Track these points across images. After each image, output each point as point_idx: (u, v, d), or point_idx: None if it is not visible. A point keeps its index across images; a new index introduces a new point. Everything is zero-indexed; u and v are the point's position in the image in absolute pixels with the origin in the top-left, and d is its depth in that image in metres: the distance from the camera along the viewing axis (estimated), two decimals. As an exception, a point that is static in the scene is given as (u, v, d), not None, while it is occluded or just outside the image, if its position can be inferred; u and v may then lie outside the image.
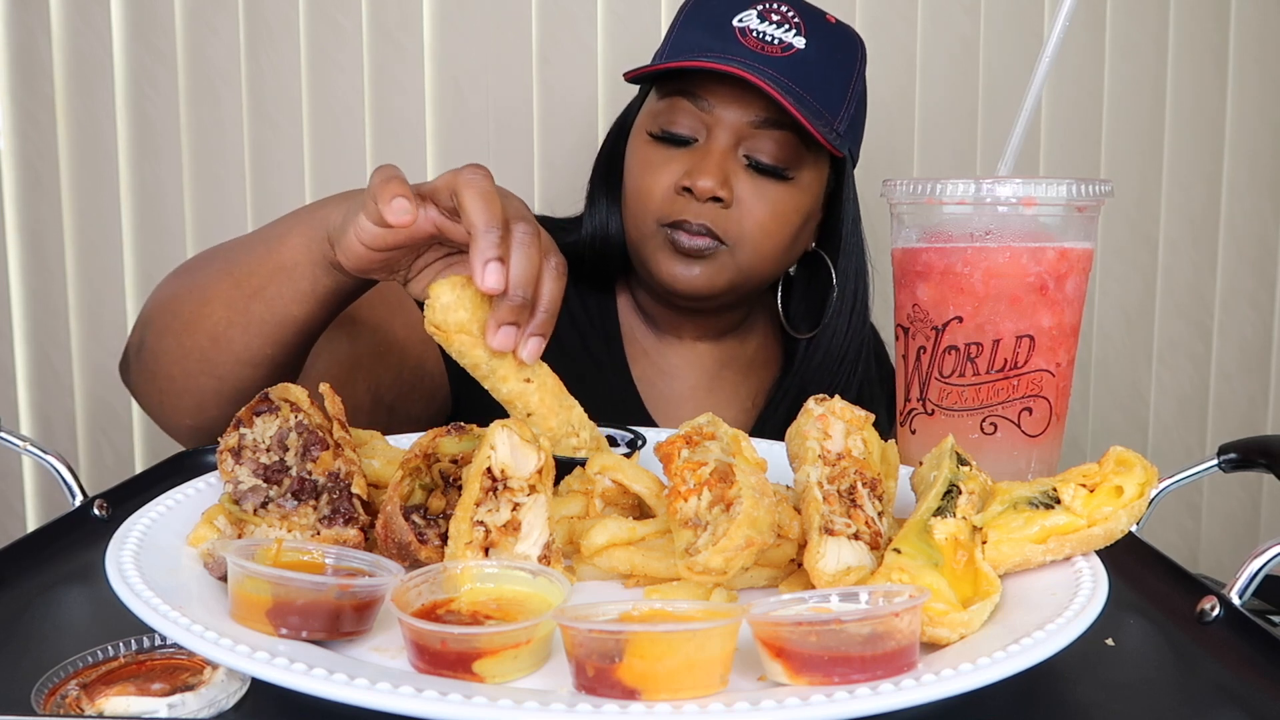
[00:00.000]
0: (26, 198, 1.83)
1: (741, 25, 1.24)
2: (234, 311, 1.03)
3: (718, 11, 1.27)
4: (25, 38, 1.80)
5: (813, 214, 1.34)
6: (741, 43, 1.23)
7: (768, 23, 1.24)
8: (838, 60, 1.28)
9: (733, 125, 1.25)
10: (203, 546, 0.76)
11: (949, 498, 0.74)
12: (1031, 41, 1.94)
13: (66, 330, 1.86)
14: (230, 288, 1.03)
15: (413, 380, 1.31)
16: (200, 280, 1.08)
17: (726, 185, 1.24)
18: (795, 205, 1.29)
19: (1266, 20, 1.99)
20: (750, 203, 1.26)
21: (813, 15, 1.29)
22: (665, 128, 1.27)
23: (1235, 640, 0.74)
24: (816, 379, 1.38)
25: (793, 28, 1.25)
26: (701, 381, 1.45)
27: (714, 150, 1.24)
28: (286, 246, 1.00)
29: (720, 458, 0.76)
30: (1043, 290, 0.98)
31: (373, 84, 1.85)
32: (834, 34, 1.29)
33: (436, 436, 0.83)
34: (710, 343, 1.46)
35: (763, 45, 1.23)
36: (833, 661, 0.59)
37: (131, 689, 0.64)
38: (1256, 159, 2.03)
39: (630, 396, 1.41)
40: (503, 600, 0.68)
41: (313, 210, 1.01)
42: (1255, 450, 1.03)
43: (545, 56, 1.87)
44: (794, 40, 1.24)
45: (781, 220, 1.28)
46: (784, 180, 1.27)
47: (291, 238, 1.00)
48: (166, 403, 1.11)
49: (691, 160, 1.25)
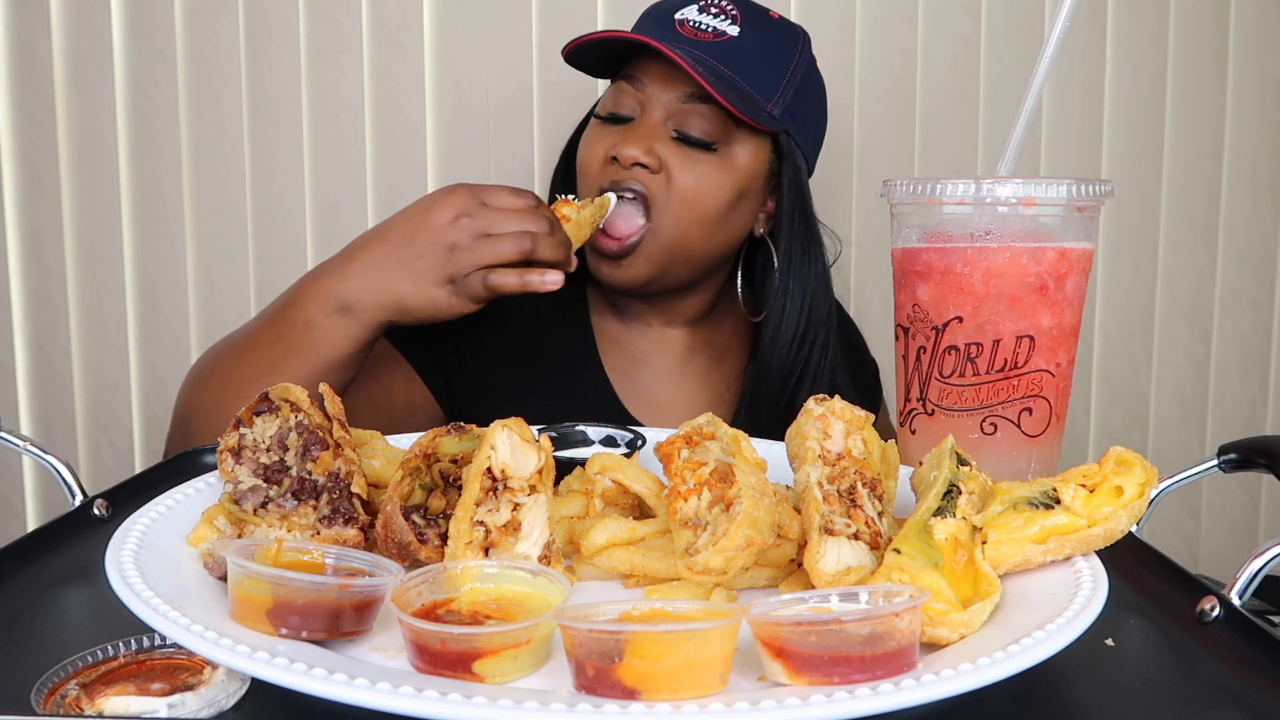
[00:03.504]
0: (26, 198, 1.83)
1: (681, 18, 1.35)
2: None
3: (664, 9, 1.38)
4: (25, 38, 1.80)
5: (746, 192, 1.38)
6: (678, 31, 1.34)
7: (706, 14, 1.34)
8: (773, 47, 1.36)
9: (663, 101, 1.33)
10: (203, 546, 0.76)
11: (949, 498, 0.74)
12: (1031, 41, 1.94)
13: (66, 330, 1.86)
14: (264, 373, 1.15)
15: (404, 416, 1.36)
16: (232, 381, 1.19)
17: (652, 154, 1.31)
18: (722, 180, 1.34)
19: (1266, 20, 1.99)
20: (677, 171, 1.32)
21: (753, 10, 1.37)
22: (610, 110, 1.37)
23: (1235, 640, 0.74)
24: (776, 363, 1.42)
25: (728, 18, 1.34)
26: (673, 367, 1.49)
27: (643, 124, 1.34)
28: (332, 345, 1.15)
29: (720, 458, 0.76)
30: (1043, 290, 0.98)
31: (373, 84, 1.85)
32: (772, 25, 1.37)
33: (436, 436, 0.83)
34: (680, 329, 1.50)
35: (696, 33, 1.33)
36: (833, 661, 0.59)
37: (131, 689, 0.64)
38: (1256, 159, 2.03)
39: (602, 385, 1.44)
40: (503, 600, 0.68)
41: (326, 286, 1.16)
42: (1255, 450, 1.03)
43: (545, 56, 1.87)
44: (727, 29, 1.33)
45: (706, 192, 1.33)
46: (711, 152, 1.33)
47: (330, 333, 1.15)
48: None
49: (625, 134, 1.34)
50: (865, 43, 1.93)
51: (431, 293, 1.13)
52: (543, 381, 1.43)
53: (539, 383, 1.42)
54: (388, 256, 1.14)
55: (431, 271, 1.12)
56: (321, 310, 1.15)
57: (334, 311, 1.14)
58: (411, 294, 1.13)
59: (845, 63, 1.92)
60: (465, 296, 1.14)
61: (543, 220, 1.16)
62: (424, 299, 1.13)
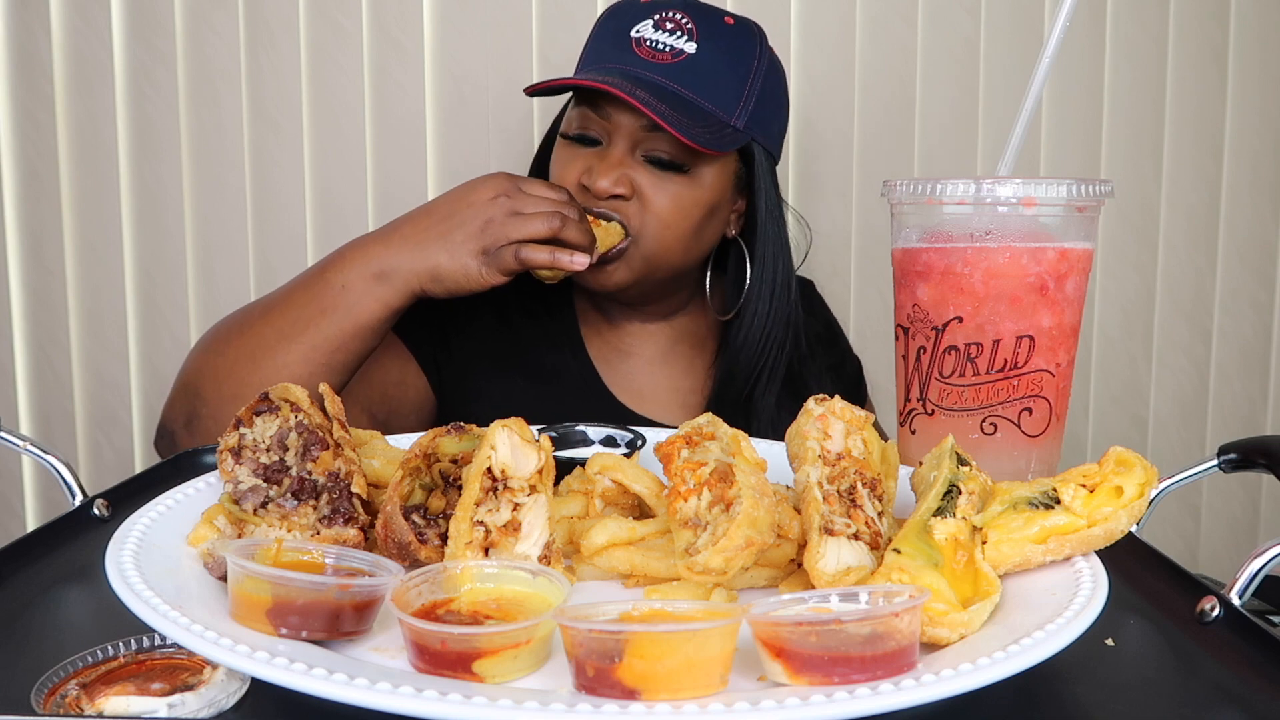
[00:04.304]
0: (26, 198, 1.83)
1: (638, 36, 1.35)
2: (313, 366, 1.21)
3: (622, 23, 1.38)
4: (25, 38, 1.80)
5: (718, 205, 1.41)
6: (635, 53, 1.35)
7: (662, 31, 1.35)
8: (731, 59, 1.36)
9: (627, 130, 1.34)
10: (203, 546, 0.76)
11: (949, 498, 0.74)
12: (1031, 41, 1.94)
13: (66, 330, 1.86)
14: (305, 350, 1.21)
15: (397, 394, 1.42)
16: (253, 343, 1.22)
17: (623, 182, 1.34)
18: (696, 197, 1.37)
19: (1266, 20, 1.99)
20: (651, 195, 1.35)
21: (708, 18, 1.37)
22: (577, 131, 1.39)
23: (1235, 640, 0.74)
24: (744, 360, 1.45)
25: (685, 34, 1.35)
26: (657, 355, 1.53)
27: (612, 154, 1.35)
28: (364, 309, 1.21)
29: (720, 458, 0.76)
30: (1043, 290, 0.98)
31: (373, 84, 1.85)
32: (728, 34, 1.37)
33: (436, 436, 0.83)
34: (660, 323, 1.54)
35: (654, 54, 1.34)
36: (833, 661, 0.59)
37: (131, 689, 0.64)
38: (1256, 159, 2.02)
39: (588, 370, 1.49)
40: (503, 600, 0.68)
41: (364, 259, 1.22)
42: (1255, 450, 1.03)
43: (545, 56, 1.87)
44: (684, 46, 1.34)
45: (681, 212, 1.36)
46: (683, 173, 1.35)
47: (364, 298, 1.21)
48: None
49: (595, 160, 1.36)
50: (865, 43, 1.92)
51: (465, 262, 1.21)
52: (529, 365, 1.48)
53: (525, 366, 1.47)
54: (429, 229, 1.23)
55: (467, 243, 1.21)
56: (360, 275, 1.22)
57: (371, 277, 1.21)
58: (446, 262, 1.21)
59: (845, 63, 1.92)
60: (495, 268, 1.21)
61: (573, 208, 1.26)
62: (457, 267, 1.21)
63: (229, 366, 1.22)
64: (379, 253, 1.22)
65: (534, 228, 1.21)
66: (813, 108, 1.92)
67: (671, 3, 1.37)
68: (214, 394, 1.22)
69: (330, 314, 1.21)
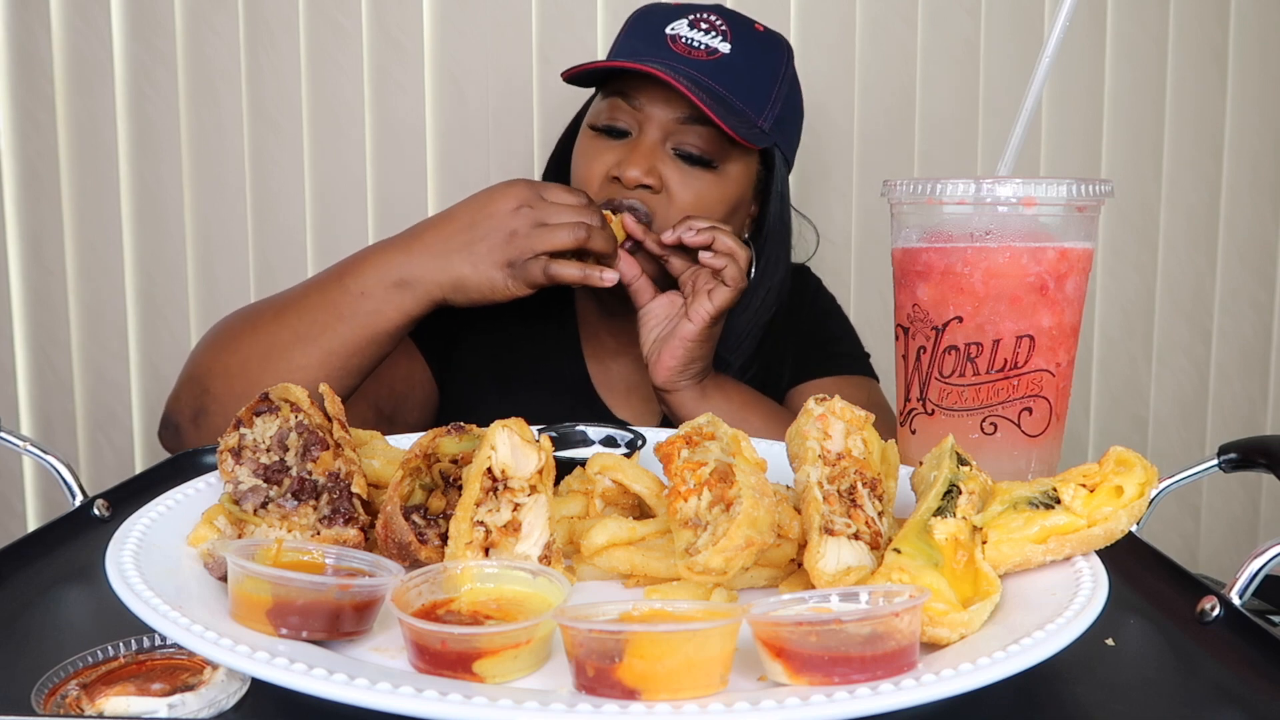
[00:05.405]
0: (26, 198, 1.83)
1: (673, 33, 1.37)
2: (329, 370, 1.21)
3: (654, 22, 1.40)
4: (25, 38, 1.80)
5: (740, 204, 1.42)
6: (671, 48, 1.35)
7: (697, 30, 1.37)
8: (762, 63, 1.38)
9: (660, 121, 1.34)
10: (203, 546, 0.76)
11: (949, 498, 0.74)
12: (1031, 41, 1.94)
13: (66, 330, 1.86)
14: (320, 355, 1.21)
15: (404, 390, 1.43)
16: (265, 343, 1.22)
17: (653, 173, 1.34)
18: (721, 193, 1.38)
19: (1266, 20, 1.99)
20: (677, 189, 1.35)
21: (740, 24, 1.40)
22: (606, 122, 1.38)
23: (1235, 640, 0.74)
24: (735, 363, 1.46)
25: (719, 34, 1.36)
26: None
27: (643, 144, 1.35)
28: (383, 317, 1.21)
29: (720, 458, 0.76)
30: (1043, 290, 0.98)
31: (373, 84, 1.85)
32: (760, 40, 1.40)
33: (436, 436, 0.83)
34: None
35: (690, 50, 1.35)
36: (833, 661, 0.59)
37: (131, 689, 0.64)
38: (1256, 159, 2.02)
39: (579, 367, 1.51)
40: (503, 600, 0.68)
41: (383, 266, 1.22)
42: (1255, 450, 1.03)
43: (545, 56, 1.87)
44: (719, 45, 1.36)
45: (705, 207, 1.36)
46: (710, 169, 1.36)
47: (383, 305, 1.21)
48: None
49: (624, 152, 1.36)
50: (865, 43, 1.92)
51: (490, 274, 1.21)
52: (524, 367, 1.50)
53: (520, 367, 1.49)
54: (451, 238, 1.22)
55: (492, 255, 1.20)
56: (379, 283, 1.21)
57: (391, 285, 1.21)
58: (470, 274, 1.21)
59: (845, 63, 1.92)
60: (522, 280, 1.21)
61: (595, 215, 1.25)
62: (482, 279, 1.21)
63: (240, 364, 1.22)
64: (400, 261, 1.21)
65: (560, 239, 1.20)
66: (813, 108, 1.91)
67: (703, 6, 1.39)
68: (224, 391, 1.22)
69: (348, 320, 1.21)
